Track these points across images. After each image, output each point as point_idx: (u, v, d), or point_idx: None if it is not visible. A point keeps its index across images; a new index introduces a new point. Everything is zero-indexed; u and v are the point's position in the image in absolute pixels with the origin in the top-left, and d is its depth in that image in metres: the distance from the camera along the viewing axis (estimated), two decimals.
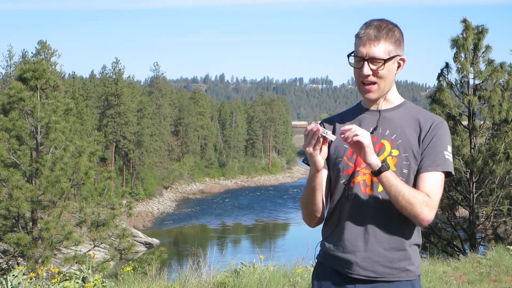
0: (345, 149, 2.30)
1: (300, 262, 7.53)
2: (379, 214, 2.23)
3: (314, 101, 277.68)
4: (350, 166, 2.28)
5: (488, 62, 13.28)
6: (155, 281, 6.37)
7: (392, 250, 2.22)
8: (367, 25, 2.27)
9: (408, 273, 2.24)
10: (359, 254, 2.23)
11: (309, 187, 2.29)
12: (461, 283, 7.11)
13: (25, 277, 6.81)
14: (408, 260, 2.24)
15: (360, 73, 2.25)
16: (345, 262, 2.26)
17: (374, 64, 2.23)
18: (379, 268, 2.22)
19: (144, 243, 36.76)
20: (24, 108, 15.38)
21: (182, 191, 64.87)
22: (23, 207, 14.40)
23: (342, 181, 2.29)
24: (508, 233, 14.15)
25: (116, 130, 53.70)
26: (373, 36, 2.23)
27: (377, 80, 2.25)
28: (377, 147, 2.27)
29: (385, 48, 2.24)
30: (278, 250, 24.45)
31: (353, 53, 2.27)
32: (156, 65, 68.72)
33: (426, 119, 2.28)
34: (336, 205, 2.30)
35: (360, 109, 2.38)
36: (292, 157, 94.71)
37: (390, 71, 2.27)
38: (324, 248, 2.35)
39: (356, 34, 2.29)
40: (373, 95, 2.28)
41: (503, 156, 12.91)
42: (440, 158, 2.23)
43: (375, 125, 2.30)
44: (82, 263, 13.74)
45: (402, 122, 2.29)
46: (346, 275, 2.26)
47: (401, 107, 2.34)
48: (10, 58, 45.08)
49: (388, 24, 2.27)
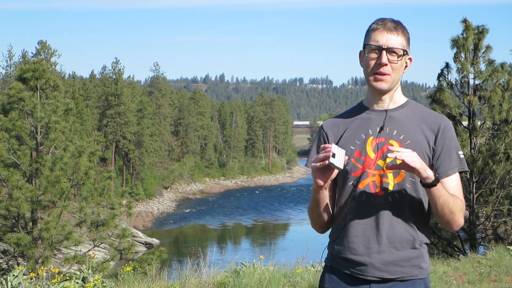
0: (352, 151, 2.28)
1: (300, 262, 7.52)
2: (390, 214, 2.22)
3: (314, 101, 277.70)
4: (358, 167, 2.27)
5: (488, 62, 13.27)
6: (155, 281, 6.36)
7: (405, 249, 2.22)
8: (382, 19, 2.28)
9: (421, 271, 2.25)
10: (373, 256, 2.22)
11: (313, 199, 2.30)
12: (461, 283, 7.10)
13: (25, 277, 6.81)
14: (420, 258, 2.25)
15: (378, 61, 2.23)
16: (359, 264, 2.24)
17: (391, 55, 2.23)
18: (394, 268, 2.22)
19: (144, 243, 36.75)
20: (24, 108, 15.38)
21: (182, 191, 64.86)
22: (23, 207, 14.39)
23: (350, 182, 2.27)
24: (508, 233, 14.14)
25: (116, 130, 53.68)
26: (393, 27, 2.25)
27: (391, 72, 2.25)
28: (385, 147, 2.25)
29: (401, 41, 2.25)
30: (278, 250, 24.44)
31: (369, 43, 2.25)
32: (156, 65, 68.67)
33: (432, 120, 2.28)
34: (344, 206, 2.29)
35: (363, 109, 2.36)
36: (292, 157, 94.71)
37: (401, 67, 2.27)
38: (333, 251, 2.33)
39: (369, 28, 2.28)
40: (385, 85, 2.26)
41: (503, 156, 12.91)
42: (456, 160, 2.26)
43: (382, 125, 2.28)
44: (82, 263, 13.74)
45: (408, 122, 2.28)
46: (359, 277, 2.25)
47: (406, 106, 2.33)
48: (10, 58, 45.06)
49: (402, 23, 2.30)
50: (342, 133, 2.33)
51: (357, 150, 2.27)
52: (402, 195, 2.23)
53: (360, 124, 2.32)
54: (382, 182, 2.23)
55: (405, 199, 2.23)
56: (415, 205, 2.24)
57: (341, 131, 2.34)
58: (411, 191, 2.23)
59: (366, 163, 2.25)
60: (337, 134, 2.34)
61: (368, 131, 2.30)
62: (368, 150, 2.27)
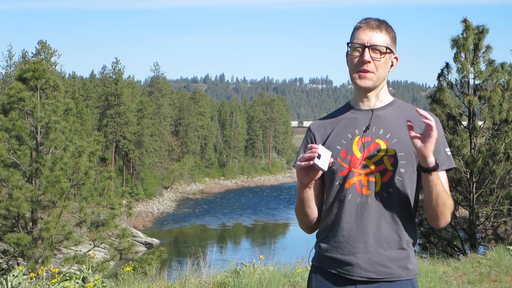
0: (338, 150, 2.28)
1: (300, 262, 7.52)
2: (377, 214, 2.21)
3: (314, 101, 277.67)
4: (344, 167, 2.26)
5: (488, 62, 13.28)
6: (155, 281, 6.37)
7: (392, 250, 2.22)
8: (365, 19, 2.29)
9: (408, 272, 2.23)
10: (359, 256, 2.21)
11: (298, 198, 2.30)
12: (461, 283, 7.10)
13: (25, 277, 6.80)
14: (407, 259, 2.23)
15: (361, 59, 2.24)
16: (345, 264, 2.24)
17: (374, 52, 2.24)
18: (380, 268, 2.21)
19: (144, 243, 36.74)
20: (24, 108, 15.38)
21: (182, 191, 64.86)
22: (23, 207, 14.40)
23: (337, 182, 2.26)
24: (508, 233, 14.14)
25: (116, 130, 53.68)
26: (375, 26, 2.26)
27: (374, 69, 2.25)
28: (372, 146, 2.25)
29: (385, 39, 2.26)
30: (278, 250, 24.45)
31: (353, 42, 2.27)
32: (156, 65, 68.69)
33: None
34: (331, 206, 2.28)
35: (350, 109, 2.35)
36: (292, 157, 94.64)
37: (386, 65, 2.27)
38: (320, 250, 2.32)
39: (355, 26, 2.30)
40: (369, 83, 2.26)
41: (503, 156, 12.91)
42: (443, 157, 2.24)
43: (368, 124, 2.28)
44: (82, 263, 13.75)
45: (395, 121, 2.27)
46: (346, 277, 2.24)
47: (392, 105, 2.32)
48: (10, 58, 45.04)
49: (386, 22, 2.31)
50: (329, 133, 2.33)
51: (343, 150, 2.27)
52: (389, 194, 2.22)
53: (347, 124, 2.31)
54: (368, 181, 2.22)
55: (392, 198, 2.22)
56: (402, 204, 2.23)
57: (328, 131, 2.34)
58: (398, 191, 2.22)
59: (352, 163, 2.25)
60: (324, 135, 2.34)
61: (354, 130, 2.29)
62: (354, 149, 2.26)
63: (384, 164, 2.23)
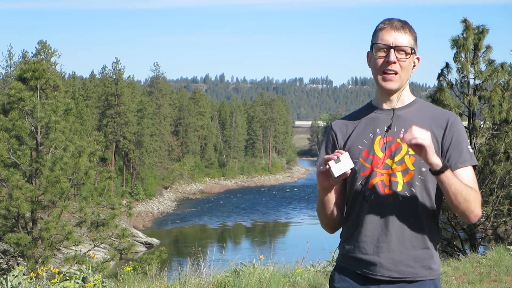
0: (360, 150, 2.28)
1: (300, 262, 7.52)
2: (400, 213, 2.21)
3: (314, 101, 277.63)
4: (366, 167, 2.26)
5: (488, 62, 13.27)
6: (155, 281, 6.36)
7: (415, 249, 2.21)
8: (388, 19, 2.29)
9: (431, 272, 2.23)
10: (382, 255, 2.21)
11: (319, 200, 2.32)
12: (461, 283, 7.10)
13: (25, 277, 6.81)
14: (431, 258, 2.23)
15: (386, 59, 2.24)
16: (368, 264, 2.24)
17: (399, 53, 2.24)
18: (403, 268, 2.21)
19: (144, 243, 36.75)
20: (24, 108, 15.38)
21: (182, 191, 64.86)
22: (23, 207, 14.40)
23: (359, 182, 2.26)
24: (508, 233, 14.14)
25: (116, 130, 53.68)
26: (400, 26, 2.26)
27: (399, 70, 2.25)
28: (393, 146, 2.25)
29: (409, 40, 2.26)
30: (278, 250, 24.45)
31: (377, 42, 2.25)
32: (156, 65, 68.71)
33: (440, 116, 2.27)
34: (354, 207, 2.29)
35: (372, 108, 2.36)
36: (292, 157, 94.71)
37: (410, 66, 2.28)
38: (344, 250, 2.33)
39: (376, 27, 2.29)
40: (394, 85, 2.26)
41: (503, 156, 12.91)
42: (466, 154, 2.24)
43: (389, 124, 2.28)
44: (82, 263, 13.74)
45: (416, 120, 2.27)
46: (369, 277, 2.24)
47: (414, 105, 2.32)
48: (10, 58, 45.05)
49: (408, 23, 2.31)
50: (351, 132, 2.34)
51: (365, 150, 2.28)
52: (411, 193, 2.22)
53: (368, 124, 2.32)
54: (391, 181, 2.23)
55: (415, 197, 2.22)
56: (425, 203, 2.23)
57: (349, 131, 2.34)
58: (420, 190, 2.22)
59: (374, 163, 2.25)
60: (346, 134, 2.35)
61: (376, 130, 2.29)
62: (376, 149, 2.27)
63: (406, 164, 2.23)
